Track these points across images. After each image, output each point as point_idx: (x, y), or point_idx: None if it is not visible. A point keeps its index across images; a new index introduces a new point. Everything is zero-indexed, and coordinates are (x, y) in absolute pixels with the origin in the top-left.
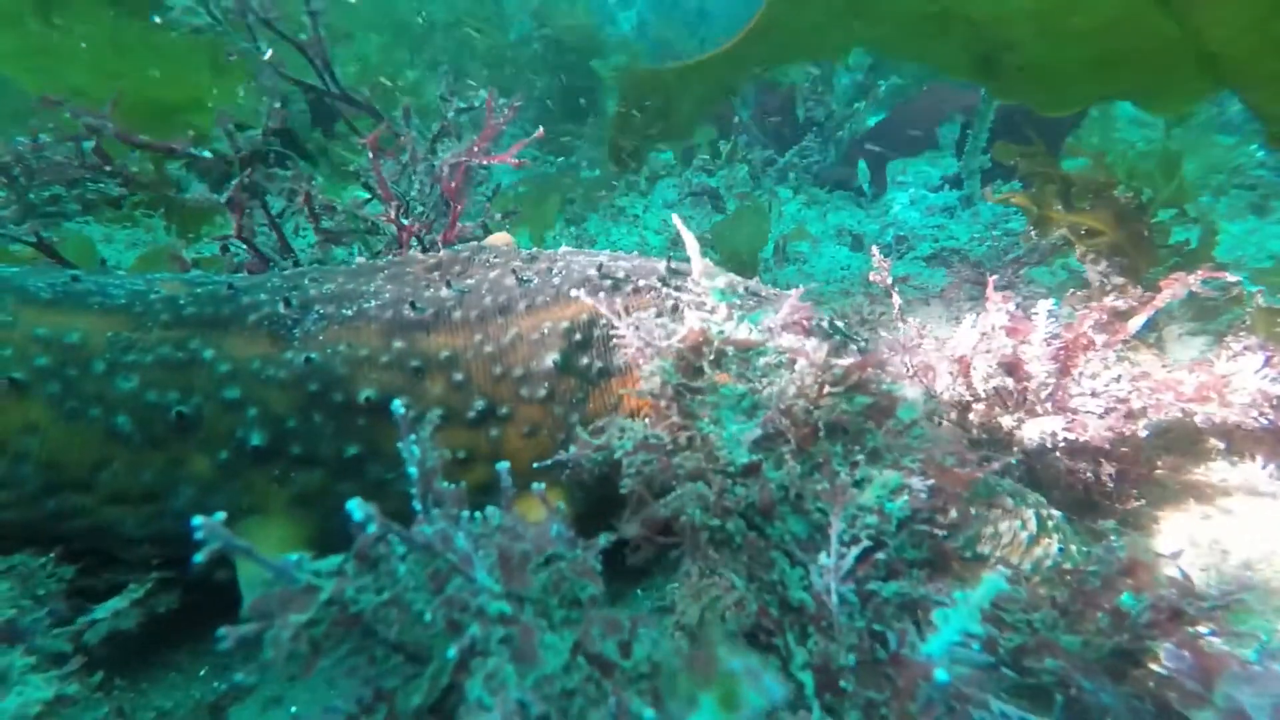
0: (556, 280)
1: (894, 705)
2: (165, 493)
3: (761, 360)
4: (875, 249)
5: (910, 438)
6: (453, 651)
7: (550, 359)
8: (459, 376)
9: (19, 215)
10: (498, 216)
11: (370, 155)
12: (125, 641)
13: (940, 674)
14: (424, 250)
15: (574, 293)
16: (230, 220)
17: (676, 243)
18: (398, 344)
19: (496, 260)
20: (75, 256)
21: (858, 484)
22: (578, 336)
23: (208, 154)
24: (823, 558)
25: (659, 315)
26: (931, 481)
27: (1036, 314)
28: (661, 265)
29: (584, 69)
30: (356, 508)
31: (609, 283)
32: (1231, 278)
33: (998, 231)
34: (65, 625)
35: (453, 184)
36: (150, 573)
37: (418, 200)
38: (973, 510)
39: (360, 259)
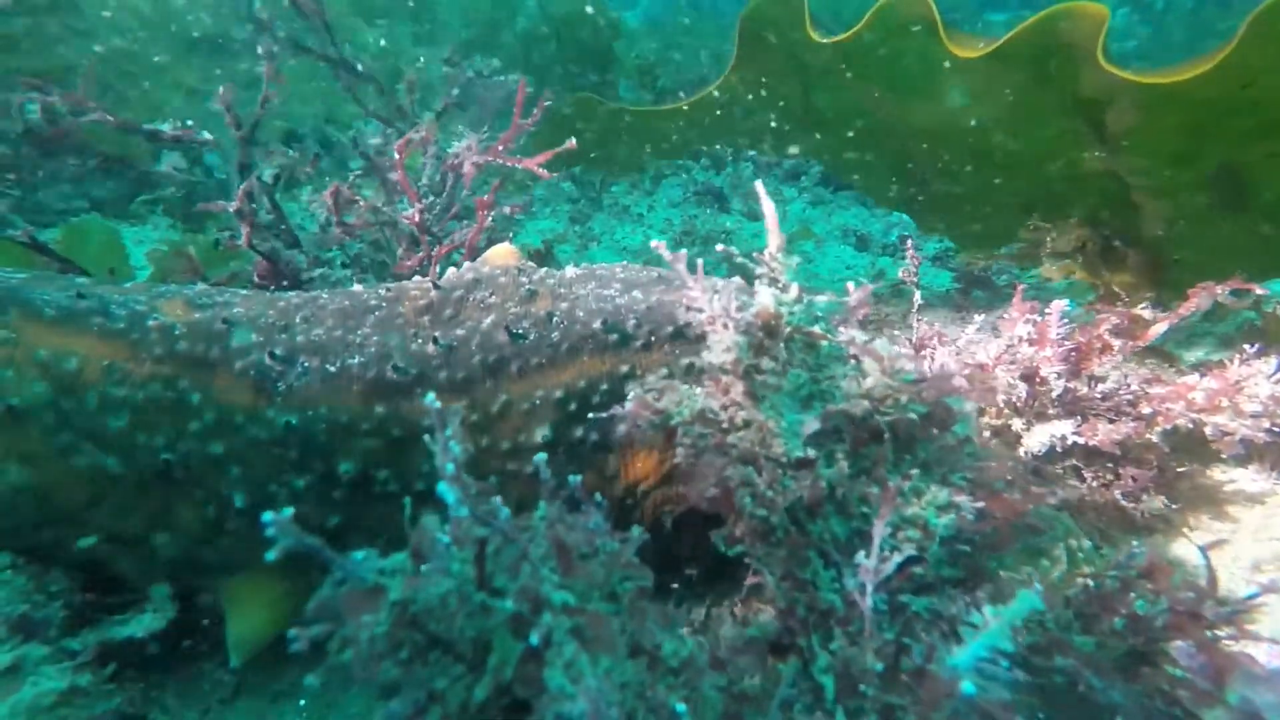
0: (555, 335)
1: (916, 714)
2: (156, 538)
3: (824, 350)
4: (910, 242)
5: (963, 454)
6: (535, 638)
7: (540, 434)
8: None
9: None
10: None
11: (396, 157)
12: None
13: (967, 686)
14: (430, 238)
15: (573, 353)
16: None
17: (680, 242)
18: (379, 409)
19: (492, 301)
20: (101, 246)
21: (904, 494)
22: (573, 406)
23: (207, 135)
24: (860, 557)
25: (669, 375)
26: (981, 504)
27: (1050, 314)
28: (680, 310)
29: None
30: (447, 491)
31: (615, 337)
32: (1260, 290)
33: None
34: (79, 618)
35: (486, 197)
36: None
37: (427, 189)
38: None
39: (358, 285)
